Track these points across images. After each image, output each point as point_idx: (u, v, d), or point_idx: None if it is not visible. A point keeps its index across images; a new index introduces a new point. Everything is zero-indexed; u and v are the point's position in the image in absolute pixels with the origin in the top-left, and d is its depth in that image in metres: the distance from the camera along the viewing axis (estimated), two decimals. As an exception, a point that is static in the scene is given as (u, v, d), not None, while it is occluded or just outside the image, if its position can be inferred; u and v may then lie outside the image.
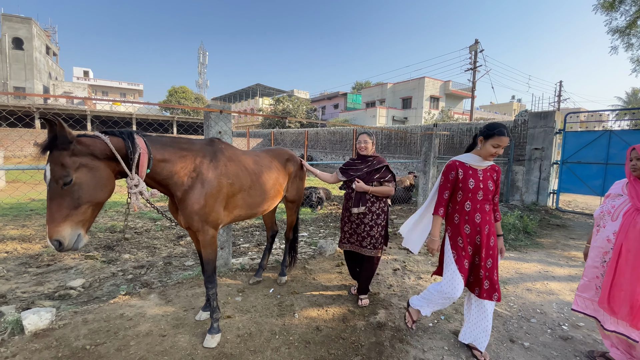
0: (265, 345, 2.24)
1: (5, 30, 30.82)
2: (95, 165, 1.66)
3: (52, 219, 1.53)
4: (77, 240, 1.61)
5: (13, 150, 17.33)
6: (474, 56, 22.20)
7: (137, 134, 1.89)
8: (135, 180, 1.81)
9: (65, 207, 1.56)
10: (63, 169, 1.54)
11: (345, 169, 2.97)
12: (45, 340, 2.16)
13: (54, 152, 1.56)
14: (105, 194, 1.71)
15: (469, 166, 2.20)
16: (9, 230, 4.86)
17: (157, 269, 3.54)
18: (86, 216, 1.64)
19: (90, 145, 1.65)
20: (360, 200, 2.77)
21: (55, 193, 1.55)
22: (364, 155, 2.91)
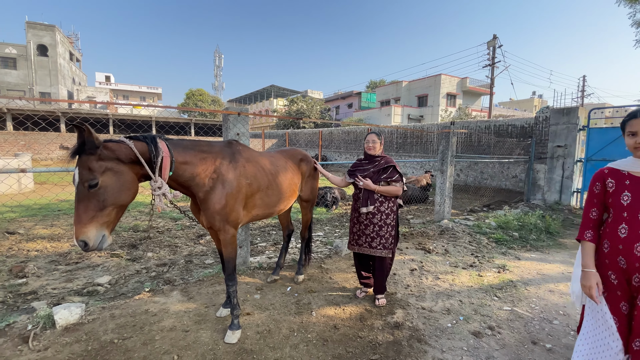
0: (284, 342, 2.28)
1: (30, 38, 32.27)
2: (120, 169, 1.73)
3: (79, 220, 1.61)
4: (102, 241, 1.67)
5: (41, 153, 18.19)
6: (492, 52, 21.66)
7: (160, 138, 1.95)
8: (159, 183, 1.88)
9: (92, 208, 1.62)
10: (90, 172, 1.62)
11: (353, 170, 2.98)
12: (76, 334, 2.28)
13: (82, 156, 1.63)
14: (128, 196, 1.78)
15: (627, 174, 1.55)
16: (39, 229, 5.12)
17: (179, 267, 3.65)
18: (110, 218, 1.71)
19: (115, 150, 1.72)
20: (368, 200, 2.77)
21: (82, 195, 1.63)
22: (371, 155, 2.92)
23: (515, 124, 11.01)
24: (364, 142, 2.95)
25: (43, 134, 18.77)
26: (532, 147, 8.69)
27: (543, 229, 5.34)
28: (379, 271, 2.85)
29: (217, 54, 67.79)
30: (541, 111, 9.07)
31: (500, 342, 2.37)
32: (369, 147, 2.89)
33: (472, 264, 3.87)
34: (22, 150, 17.51)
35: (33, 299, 2.93)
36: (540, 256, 4.35)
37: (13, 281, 3.26)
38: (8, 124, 21.55)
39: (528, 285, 3.37)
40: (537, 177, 8.62)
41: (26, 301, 2.88)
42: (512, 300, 3.03)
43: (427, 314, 2.72)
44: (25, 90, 31.87)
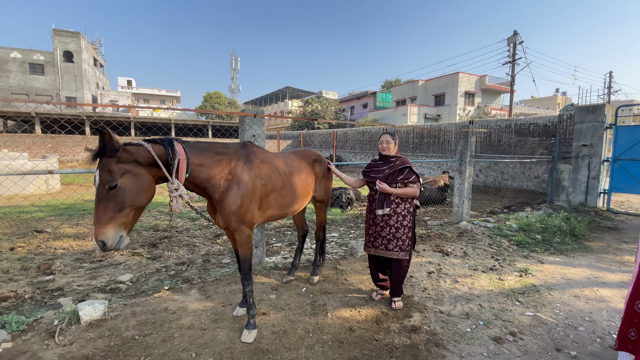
0: (300, 343, 2.28)
1: (57, 45, 33.79)
2: (139, 171, 1.78)
3: (98, 220, 1.66)
4: (120, 242, 1.71)
5: (67, 155, 18.99)
6: (513, 48, 21.04)
7: (177, 140, 2.00)
8: (176, 185, 1.92)
9: (110, 209, 1.67)
10: (110, 174, 1.67)
11: (367, 171, 2.94)
12: (99, 330, 2.35)
13: (103, 159, 1.69)
14: (146, 198, 1.82)
15: None
16: (65, 228, 5.34)
17: (197, 266, 3.72)
18: (128, 219, 1.75)
19: (134, 153, 1.77)
20: (384, 202, 2.71)
21: (102, 196, 1.68)
22: (386, 155, 2.87)
23: (537, 123, 10.64)
24: (378, 143, 2.90)
25: (69, 137, 19.60)
26: (556, 147, 8.38)
27: (568, 232, 5.13)
28: (396, 273, 2.81)
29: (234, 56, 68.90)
30: (565, 109, 8.73)
31: (522, 348, 2.29)
32: (383, 147, 2.84)
33: (493, 267, 3.76)
34: (49, 152, 18.35)
35: (59, 295, 3.05)
36: (565, 260, 4.18)
37: (41, 278, 3.41)
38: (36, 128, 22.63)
39: (552, 290, 3.24)
40: (561, 178, 8.29)
41: (53, 297, 3.01)
42: (534, 305, 2.92)
43: (445, 317, 2.66)
44: (53, 95, 33.39)
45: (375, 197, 2.82)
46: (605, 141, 7.71)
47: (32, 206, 6.91)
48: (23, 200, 7.14)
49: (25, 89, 32.91)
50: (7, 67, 32.43)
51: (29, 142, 18.53)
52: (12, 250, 4.25)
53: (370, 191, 2.91)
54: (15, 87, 32.61)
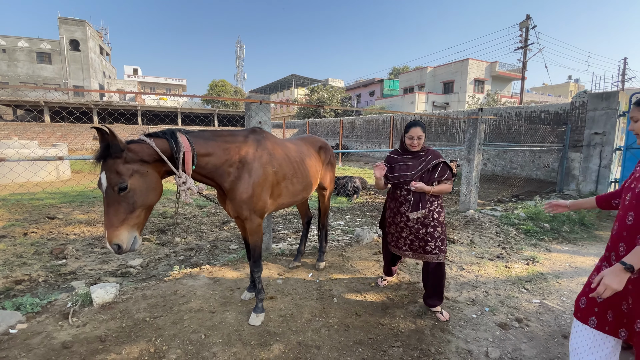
0: (306, 326, 2.32)
1: (63, 33, 33.76)
2: (146, 170, 1.73)
3: (110, 223, 1.61)
4: (134, 242, 1.69)
5: (76, 144, 19.21)
6: (525, 33, 20.42)
7: (180, 132, 1.92)
8: (183, 178, 1.87)
9: (122, 212, 1.63)
10: (119, 176, 1.60)
11: (390, 166, 2.55)
12: (111, 312, 2.42)
13: (108, 160, 1.61)
14: (156, 196, 1.79)
15: None
16: (77, 215, 5.44)
17: (205, 252, 3.78)
18: (140, 219, 1.72)
19: (139, 152, 1.70)
20: (419, 203, 2.38)
21: (112, 199, 1.62)
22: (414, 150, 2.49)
23: (548, 110, 10.40)
24: (405, 137, 2.47)
25: (77, 125, 19.78)
26: (567, 135, 8.20)
27: (577, 221, 5.07)
28: (436, 279, 2.46)
29: (239, 44, 68.17)
30: (578, 96, 8.50)
31: (528, 334, 2.29)
32: (414, 144, 2.42)
33: (499, 255, 3.75)
34: (59, 140, 18.57)
35: (72, 278, 3.13)
36: (573, 248, 4.14)
37: (54, 262, 3.50)
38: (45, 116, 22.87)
39: (559, 278, 3.22)
40: (571, 167, 8.14)
41: (66, 280, 3.09)
42: (541, 292, 2.91)
43: (451, 304, 2.67)
44: (60, 84, 33.57)
45: (402, 196, 2.47)
46: (618, 129, 7.51)
47: (43, 193, 7.05)
48: (34, 187, 7.29)
49: (34, 78, 33.13)
50: (15, 56, 32.62)
51: (39, 130, 18.76)
52: (26, 235, 4.35)
53: (394, 189, 2.55)
54: (23, 77, 32.85)
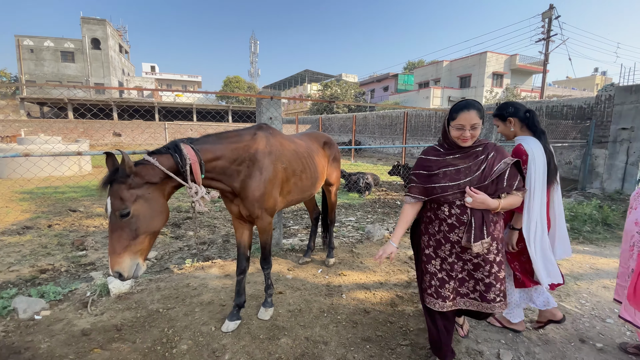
0: (315, 321, 2.33)
1: (85, 32, 34.85)
2: (151, 195, 1.67)
3: (113, 250, 1.58)
4: (136, 270, 1.65)
5: (97, 140, 19.86)
6: (548, 24, 19.62)
7: (184, 142, 1.86)
8: (194, 189, 1.83)
9: (125, 238, 1.59)
10: (122, 202, 1.57)
11: (427, 174, 1.69)
12: (127, 302, 2.50)
13: (114, 185, 1.59)
14: (160, 222, 1.72)
15: None
16: (96, 208, 5.64)
17: (217, 246, 3.85)
18: (144, 246, 1.67)
19: (145, 175, 1.66)
20: (483, 226, 1.59)
21: (115, 225, 1.59)
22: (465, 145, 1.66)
23: (571, 105, 9.99)
24: (450, 126, 1.63)
25: (98, 121, 20.45)
26: (591, 130, 7.86)
27: (599, 221, 4.87)
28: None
29: (253, 40, 68.50)
30: (604, 89, 8.12)
31: (542, 337, 2.23)
32: (465, 137, 1.60)
33: (515, 254, 3.65)
34: (81, 136, 19.25)
35: (91, 269, 3.25)
36: (595, 249, 3.99)
37: (75, 253, 3.64)
38: (69, 113, 23.73)
39: (578, 280, 3.11)
40: (595, 164, 7.81)
41: (86, 271, 3.22)
42: (558, 294, 2.82)
43: (463, 303, 2.62)
44: (83, 82, 34.73)
45: (452, 216, 1.64)
46: (648, 124, 7.14)
47: (66, 187, 7.34)
48: (57, 181, 7.59)
49: (58, 76, 34.40)
50: (41, 55, 33.94)
51: (62, 126, 19.49)
52: (50, 227, 4.55)
53: (438, 207, 1.69)
54: (49, 75, 34.16)
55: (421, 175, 1.73)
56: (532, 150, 1.94)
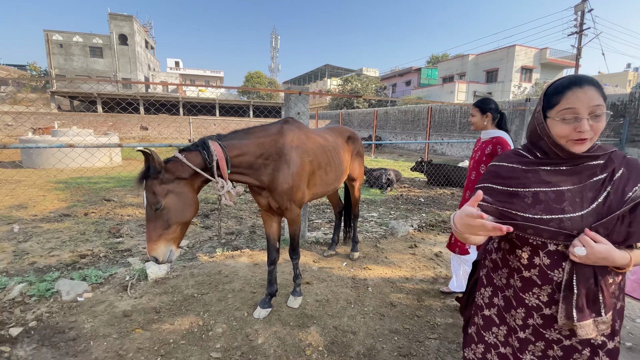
0: (342, 312, 2.38)
1: (113, 28, 36.04)
2: (181, 189, 1.81)
3: (149, 238, 1.76)
4: (170, 255, 1.81)
5: (124, 133, 20.66)
6: (581, 17, 18.65)
7: (212, 139, 1.96)
8: (221, 183, 1.93)
9: (159, 227, 1.75)
10: (154, 196, 1.73)
11: (507, 191, 1.01)
12: (164, 287, 2.64)
13: (148, 180, 1.74)
14: (190, 214, 1.87)
15: None
16: (129, 198, 5.91)
17: (244, 236, 3.97)
18: (176, 234, 1.83)
19: (175, 171, 1.79)
20: (598, 296, 0.92)
21: (150, 216, 1.77)
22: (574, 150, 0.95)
23: (606, 101, 9.51)
24: (547, 118, 0.96)
25: (126, 115, 21.22)
26: (625, 128, 7.48)
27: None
28: None
29: (274, 35, 68.77)
30: (638, 86, 7.69)
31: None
32: (582, 131, 0.89)
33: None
34: (109, 129, 20.07)
35: (128, 255, 3.44)
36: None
37: (112, 240, 3.86)
38: (98, 107, 24.76)
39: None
40: (630, 163, 7.44)
41: (123, 257, 3.40)
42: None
43: (491, 300, 2.60)
44: (110, 77, 36.05)
45: (538, 267, 0.98)
46: (692, 122, 6.71)
47: (100, 178, 7.72)
48: (87, 172, 8.00)
49: (87, 71, 35.84)
50: (70, 50, 35.40)
51: (93, 120, 20.37)
52: (86, 215, 4.82)
53: (514, 247, 1.03)
54: (78, 70, 35.63)
55: (495, 192, 1.03)
56: (511, 145, 2.20)
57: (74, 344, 1.97)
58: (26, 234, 3.99)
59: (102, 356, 1.89)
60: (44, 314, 2.23)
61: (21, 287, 2.48)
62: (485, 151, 2.29)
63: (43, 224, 4.41)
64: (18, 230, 4.09)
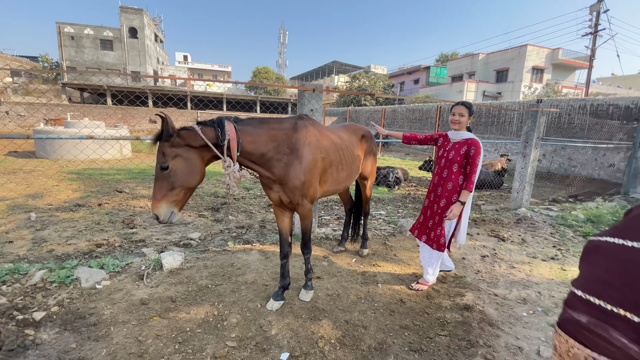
0: (353, 307, 2.43)
1: (123, 21, 36.25)
2: (189, 155, 1.90)
3: (154, 196, 1.86)
4: (171, 216, 1.89)
5: (134, 125, 20.86)
6: (596, 18, 18.32)
7: (229, 120, 2.03)
8: (227, 162, 1.99)
9: (164, 188, 1.84)
10: (163, 157, 1.84)
11: None
12: (178, 277, 2.71)
13: (160, 142, 1.87)
14: (195, 180, 1.95)
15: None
16: (141, 190, 6.01)
17: (255, 230, 4.02)
18: (179, 197, 1.90)
19: (186, 138, 1.89)
20: None
21: (157, 176, 1.87)
22: None
23: (618, 104, 9.36)
24: None
25: (135, 108, 21.42)
26: (638, 132, 7.37)
27: None
28: None
29: (282, 31, 68.54)
30: (658, 88, 7.55)
31: (584, 339, 2.21)
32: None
33: (554, 256, 3.56)
34: (119, 121, 20.29)
35: (142, 245, 3.52)
36: None
37: (126, 230, 3.94)
38: (108, 100, 25.01)
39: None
40: (642, 167, 7.34)
41: (137, 247, 3.48)
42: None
43: (500, 300, 2.62)
44: (120, 70, 36.32)
45: None
46: None
47: (112, 169, 7.84)
48: (99, 164, 8.12)
49: (98, 64, 36.15)
50: (82, 42, 35.71)
51: (103, 112, 20.60)
52: (100, 205, 4.92)
53: None
54: (89, 62, 35.96)
55: None
56: (482, 147, 2.52)
57: (95, 329, 2.04)
58: (43, 222, 4.09)
59: (123, 341, 1.95)
60: (64, 300, 2.31)
61: (42, 274, 2.56)
62: (460, 151, 2.52)
63: (59, 212, 4.52)
64: (35, 218, 4.19)
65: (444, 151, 2.66)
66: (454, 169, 2.54)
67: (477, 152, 2.47)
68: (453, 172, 2.54)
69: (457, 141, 2.59)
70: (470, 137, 2.54)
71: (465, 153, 2.51)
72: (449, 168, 2.56)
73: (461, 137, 2.57)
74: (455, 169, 2.54)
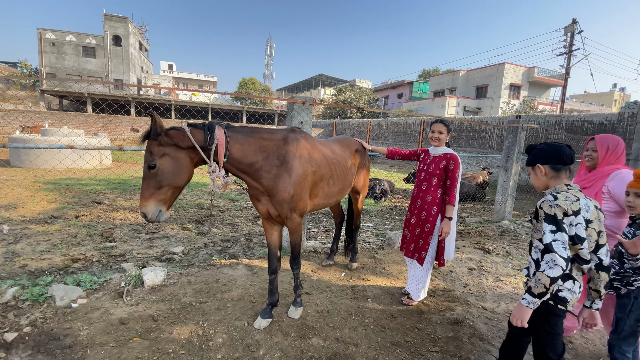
0: (343, 323, 2.37)
1: (107, 29, 35.73)
2: (177, 155, 1.89)
3: (142, 194, 1.87)
4: (159, 215, 1.89)
5: (115, 134, 20.31)
6: (570, 38, 19.41)
7: (220, 125, 2.01)
8: (213, 167, 1.97)
9: (152, 186, 1.84)
10: (151, 155, 1.84)
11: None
12: (160, 294, 2.59)
13: (148, 141, 1.87)
14: (182, 180, 1.94)
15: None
16: (121, 201, 5.79)
17: (241, 244, 3.93)
18: (167, 196, 1.90)
19: (174, 137, 1.88)
20: None
21: (145, 174, 1.87)
22: None
23: (592, 120, 9.86)
24: None
25: (117, 116, 20.92)
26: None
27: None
28: None
29: (269, 42, 69.24)
30: (627, 107, 8.02)
31: (571, 352, 2.23)
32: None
33: (538, 268, 3.63)
34: (100, 130, 19.72)
35: (122, 260, 3.36)
36: None
37: (105, 244, 3.77)
38: (88, 107, 24.34)
39: (604, 297, 3.08)
40: (615, 181, 7.69)
41: (117, 262, 3.32)
42: (585, 310, 2.80)
43: (489, 314, 2.63)
44: (102, 77, 35.57)
45: None
46: (673, 143, 7.01)
47: (90, 180, 7.55)
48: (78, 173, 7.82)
49: (79, 71, 35.29)
50: (63, 49, 34.87)
51: (83, 120, 20.00)
52: (77, 217, 4.70)
53: None
54: (70, 69, 35.07)
55: None
56: (460, 161, 2.63)
57: (70, 352, 1.90)
58: (16, 235, 3.87)
59: (100, 366, 1.83)
60: (38, 320, 2.15)
61: (14, 291, 2.39)
62: (440, 165, 2.62)
63: (33, 225, 4.28)
64: (7, 231, 3.96)
65: (424, 164, 2.75)
66: (433, 182, 2.62)
67: (456, 166, 2.57)
68: (432, 185, 2.62)
69: (437, 155, 2.69)
70: (450, 152, 2.64)
71: (444, 167, 2.60)
72: (429, 181, 2.64)
73: (441, 152, 2.68)
74: (434, 182, 2.62)
